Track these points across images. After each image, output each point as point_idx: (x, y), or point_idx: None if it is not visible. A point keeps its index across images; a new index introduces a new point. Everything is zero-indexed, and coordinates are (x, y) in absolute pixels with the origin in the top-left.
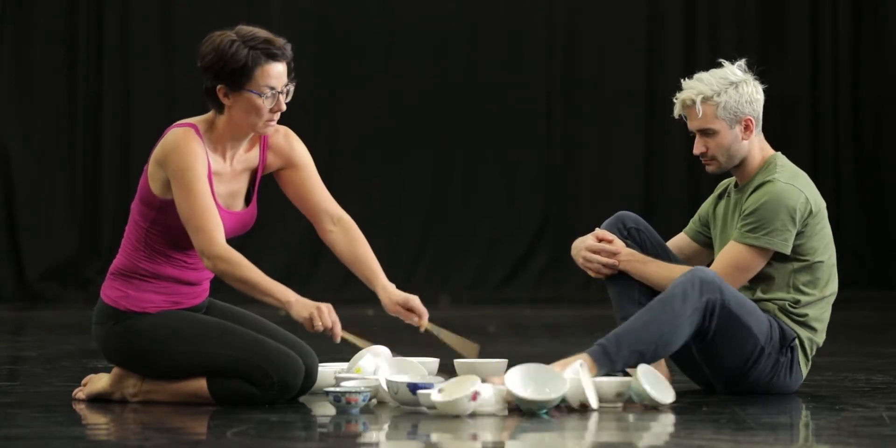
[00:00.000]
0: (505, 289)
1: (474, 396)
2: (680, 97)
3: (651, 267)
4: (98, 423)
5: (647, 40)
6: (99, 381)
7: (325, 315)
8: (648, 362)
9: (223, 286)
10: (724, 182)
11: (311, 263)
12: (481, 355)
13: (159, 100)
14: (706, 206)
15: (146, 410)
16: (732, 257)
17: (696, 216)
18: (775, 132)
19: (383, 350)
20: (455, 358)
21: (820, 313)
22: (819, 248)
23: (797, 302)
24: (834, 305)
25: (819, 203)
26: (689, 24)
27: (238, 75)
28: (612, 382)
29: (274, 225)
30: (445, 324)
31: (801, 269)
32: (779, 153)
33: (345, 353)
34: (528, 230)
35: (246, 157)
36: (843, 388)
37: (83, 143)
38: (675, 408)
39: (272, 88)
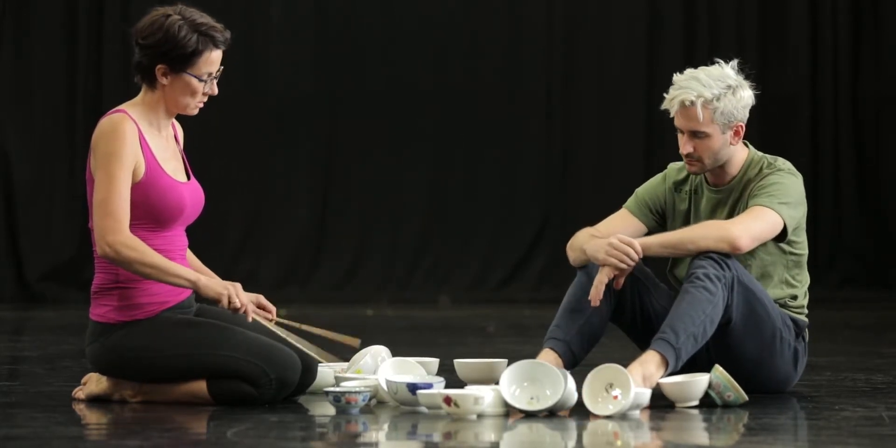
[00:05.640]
0: (505, 289)
1: (447, 400)
2: (678, 96)
3: (675, 234)
4: (98, 423)
5: (647, 40)
6: (98, 382)
7: (241, 294)
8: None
9: None
10: (677, 173)
11: (311, 264)
12: (480, 355)
13: None
14: (658, 193)
15: (146, 410)
16: (762, 213)
17: (640, 200)
18: (775, 132)
19: (382, 350)
20: (455, 358)
21: (805, 304)
22: (804, 241)
23: (794, 297)
24: (834, 305)
25: None
26: (689, 24)
27: (184, 59)
28: (699, 381)
29: (273, 226)
30: (447, 323)
31: (792, 264)
32: (748, 144)
33: (344, 353)
34: (528, 230)
35: (169, 132)
36: (843, 388)
37: (83, 144)
38: (675, 408)
39: (210, 74)
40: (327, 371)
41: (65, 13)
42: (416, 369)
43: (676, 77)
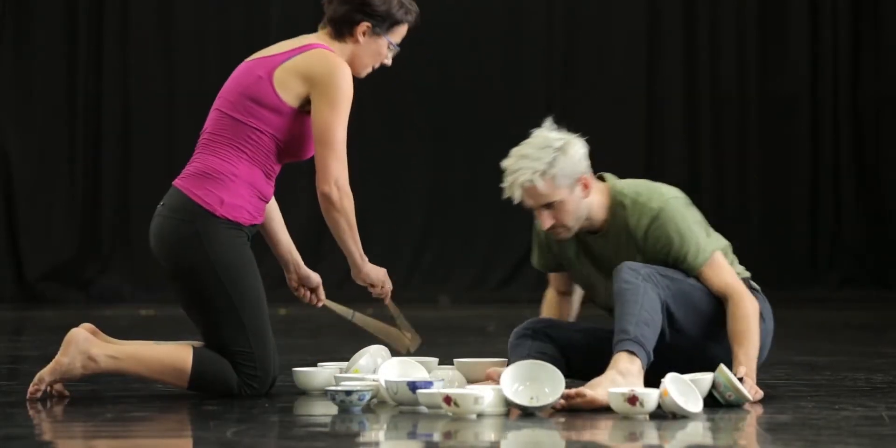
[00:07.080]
0: (505, 289)
1: (447, 400)
2: (516, 182)
3: (748, 347)
4: (99, 422)
5: (647, 40)
6: (64, 353)
7: (388, 286)
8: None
9: None
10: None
11: (311, 263)
12: (480, 355)
13: (159, 99)
14: (546, 250)
15: (147, 410)
16: (715, 266)
17: (545, 264)
18: (775, 132)
19: (381, 350)
20: (455, 358)
21: (735, 261)
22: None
23: (747, 279)
24: (834, 305)
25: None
26: (689, 25)
27: (390, 24)
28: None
29: None
30: (447, 323)
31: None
32: (608, 178)
33: (344, 352)
34: (529, 230)
35: None
36: (843, 388)
37: (83, 143)
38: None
39: (395, 45)
40: (327, 371)
41: (65, 13)
42: (416, 369)
43: (504, 163)
